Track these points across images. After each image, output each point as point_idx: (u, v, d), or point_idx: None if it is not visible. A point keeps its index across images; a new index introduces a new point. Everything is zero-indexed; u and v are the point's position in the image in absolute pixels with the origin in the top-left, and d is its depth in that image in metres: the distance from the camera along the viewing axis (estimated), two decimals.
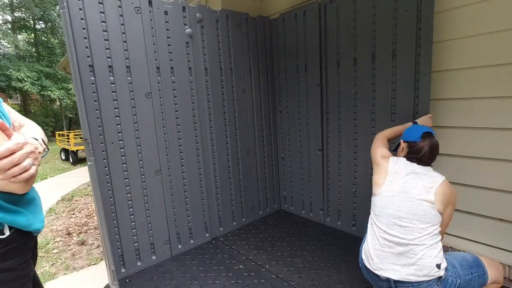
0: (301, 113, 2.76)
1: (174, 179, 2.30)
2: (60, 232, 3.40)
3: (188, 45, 2.28)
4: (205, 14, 2.36)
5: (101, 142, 1.93)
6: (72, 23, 1.74)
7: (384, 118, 2.16)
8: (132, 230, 2.13)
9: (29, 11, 14.72)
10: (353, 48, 2.27)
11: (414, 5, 1.90)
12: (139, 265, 2.18)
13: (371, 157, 1.67)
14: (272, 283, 1.93)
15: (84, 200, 4.63)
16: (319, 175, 2.69)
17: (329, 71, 2.46)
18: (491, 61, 1.74)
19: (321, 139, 2.61)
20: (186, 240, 2.43)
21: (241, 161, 2.75)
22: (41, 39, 16.36)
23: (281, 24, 2.76)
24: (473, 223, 1.93)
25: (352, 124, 2.37)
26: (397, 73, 2.05)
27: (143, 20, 2.03)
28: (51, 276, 2.48)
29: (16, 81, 12.82)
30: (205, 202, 2.51)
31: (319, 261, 2.14)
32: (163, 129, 2.20)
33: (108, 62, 1.92)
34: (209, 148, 2.50)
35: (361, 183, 2.38)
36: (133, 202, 2.11)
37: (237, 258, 2.27)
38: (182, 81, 2.28)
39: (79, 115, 1.81)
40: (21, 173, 0.77)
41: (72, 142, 7.74)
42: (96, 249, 2.93)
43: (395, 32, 2.02)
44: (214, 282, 1.97)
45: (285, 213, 3.08)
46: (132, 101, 2.04)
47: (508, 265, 1.76)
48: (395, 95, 2.08)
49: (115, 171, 2.01)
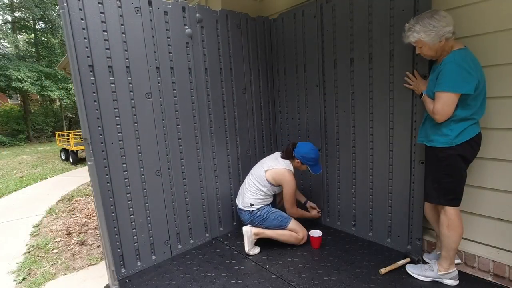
0: (301, 113, 2.76)
1: (174, 179, 2.30)
2: (60, 232, 3.40)
3: (188, 45, 2.28)
4: (205, 14, 2.36)
5: (101, 142, 1.93)
6: (72, 23, 1.74)
7: (382, 119, 2.16)
8: (132, 230, 2.13)
9: (29, 11, 14.70)
10: (350, 48, 2.27)
11: (410, 5, 1.89)
12: (139, 265, 2.18)
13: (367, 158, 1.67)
14: (272, 283, 1.93)
15: (84, 200, 4.63)
16: (318, 175, 2.68)
17: (327, 72, 2.47)
18: (491, 61, 1.74)
19: (320, 139, 2.61)
20: (186, 240, 2.43)
21: (241, 161, 2.75)
22: (41, 39, 16.34)
23: (280, 24, 2.76)
24: (473, 223, 1.94)
25: (350, 125, 2.37)
26: (395, 74, 2.04)
27: (143, 20, 2.03)
28: (51, 276, 2.48)
29: (16, 81, 12.80)
30: (205, 202, 2.51)
31: (319, 261, 2.14)
32: (163, 129, 2.20)
33: (108, 62, 1.92)
34: (209, 148, 2.50)
35: (360, 183, 2.38)
36: (133, 202, 2.11)
37: (237, 258, 2.27)
38: (182, 81, 2.28)
39: (79, 115, 1.81)
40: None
41: (72, 142, 7.73)
42: (96, 249, 2.93)
43: (392, 32, 2.02)
44: (214, 282, 1.97)
45: None
46: (132, 101, 2.04)
47: (508, 265, 1.76)
48: (393, 96, 2.08)
49: (115, 171, 2.01)
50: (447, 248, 1.73)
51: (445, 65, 1.56)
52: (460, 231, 1.70)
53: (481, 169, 1.85)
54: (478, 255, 1.87)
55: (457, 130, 1.60)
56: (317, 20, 2.45)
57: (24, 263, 2.71)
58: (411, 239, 2.13)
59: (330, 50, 2.41)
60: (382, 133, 2.18)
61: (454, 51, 1.58)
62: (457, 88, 1.53)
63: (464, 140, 1.61)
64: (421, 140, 1.82)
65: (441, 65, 1.60)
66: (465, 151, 1.63)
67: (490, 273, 1.83)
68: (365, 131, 2.28)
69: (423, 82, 1.84)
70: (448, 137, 1.62)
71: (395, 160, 2.13)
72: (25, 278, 2.48)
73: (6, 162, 8.89)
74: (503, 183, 1.79)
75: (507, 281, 1.77)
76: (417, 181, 2.03)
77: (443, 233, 1.72)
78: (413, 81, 1.90)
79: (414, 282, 1.84)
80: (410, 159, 2.05)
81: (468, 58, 1.55)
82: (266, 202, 2.38)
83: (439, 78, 1.59)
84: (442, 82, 1.56)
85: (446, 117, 1.59)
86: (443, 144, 1.65)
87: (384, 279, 1.89)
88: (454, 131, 1.61)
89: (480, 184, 1.87)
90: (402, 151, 2.08)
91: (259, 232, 2.32)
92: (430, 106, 1.66)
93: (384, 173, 2.21)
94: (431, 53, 1.65)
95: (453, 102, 1.55)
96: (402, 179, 2.11)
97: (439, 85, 1.58)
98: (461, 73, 1.52)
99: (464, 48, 1.59)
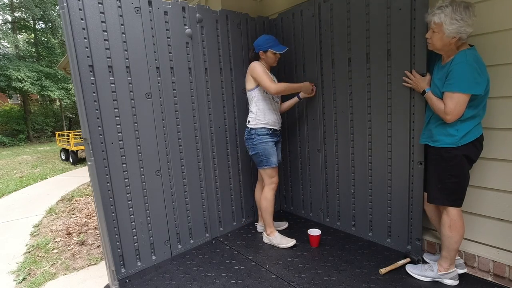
0: (300, 113, 2.76)
1: (174, 179, 2.30)
2: (60, 232, 3.40)
3: (188, 45, 2.29)
4: (205, 14, 2.36)
5: (101, 142, 1.93)
6: (72, 23, 1.74)
7: (380, 119, 2.16)
8: (132, 230, 2.13)
9: (29, 11, 14.70)
10: (347, 48, 2.27)
11: (407, 4, 1.89)
12: (139, 265, 2.18)
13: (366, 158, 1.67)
14: (272, 283, 1.93)
15: (84, 200, 4.63)
16: (318, 175, 2.69)
17: (325, 72, 2.47)
18: (496, 61, 1.74)
19: (319, 139, 2.61)
20: (186, 240, 2.43)
21: (241, 161, 2.75)
22: (41, 39, 16.34)
23: (279, 24, 2.76)
24: (473, 223, 1.94)
25: (349, 125, 2.37)
26: (392, 73, 2.04)
27: (143, 20, 2.03)
28: (51, 276, 2.48)
29: (16, 81, 12.81)
30: (205, 202, 2.51)
31: (319, 261, 2.14)
32: (163, 129, 2.21)
33: (108, 62, 1.92)
34: (209, 148, 2.50)
35: (359, 183, 2.38)
36: (133, 202, 2.11)
37: (237, 258, 2.27)
38: (182, 81, 2.28)
39: (79, 115, 1.81)
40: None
41: (72, 142, 7.73)
42: (96, 249, 2.93)
43: (389, 32, 2.02)
44: (214, 282, 1.97)
45: (285, 213, 3.08)
46: (132, 101, 2.04)
47: (508, 265, 1.76)
48: (391, 96, 2.08)
49: (115, 171, 2.01)
50: (448, 248, 1.73)
51: (457, 65, 1.54)
52: (462, 231, 1.70)
53: (481, 169, 1.85)
54: (478, 255, 1.87)
55: (464, 130, 1.60)
56: (315, 19, 2.45)
57: (24, 263, 2.71)
58: (411, 239, 2.13)
59: (328, 50, 2.41)
60: (380, 133, 2.18)
61: (465, 51, 1.56)
62: (470, 88, 1.51)
63: (469, 140, 1.60)
64: (424, 141, 1.81)
65: (451, 64, 1.57)
66: (470, 151, 1.62)
67: (490, 273, 1.83)
68: (364, 131, 2.28)
69: (422, 80, 1.82)
70: (454, 137, 1.61)
71: (394, 160, 2.13)
72: (25, 278, 2.48)
73: (6, 162, 8.89)
74: (503, 183, 1.79)
75: (507, 281, 1.77)
76: (416, 181, 2.02)
77: (445, 234, 1.72)
78: (412, 79, 1.89)
79: (414, 282, 1.84)
80: (409, 159, 2.05)
81: (478, 58, 1.55)
82: (260, 121, 2.30)
83: (449, 78, 1.57)
84: (454, 82, 1.54)
85: (458, 117, 1.58)
86: (449, 145, 1.63)
87: (384, 279, 1.89)
88: (460, 131, 1.60)
89: (480, 184, 1.88)
90: (401, 151, 2.08)
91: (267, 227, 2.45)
92: (440, 105, 1.62)
93: (383, 173, 2.21)
94: (437, 44, 1.62)
95: (465, 103, 1.54)
96: (401, 179, 2.11)
97: (450, 85, 1.56)
98: (473, 74, 1.51)
99: (473, 48, 1.59)
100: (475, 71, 1.51)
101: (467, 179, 1.69)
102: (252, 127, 2.32)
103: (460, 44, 1.59)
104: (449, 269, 1.77)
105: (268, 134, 2.32)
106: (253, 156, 2.36)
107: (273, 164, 2.33)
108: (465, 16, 1.50)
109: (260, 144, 2.30)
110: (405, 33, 1.92)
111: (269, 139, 2.32)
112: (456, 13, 1.50)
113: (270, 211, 2.38)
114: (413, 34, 1.89)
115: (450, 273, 1.77)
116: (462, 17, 1.50)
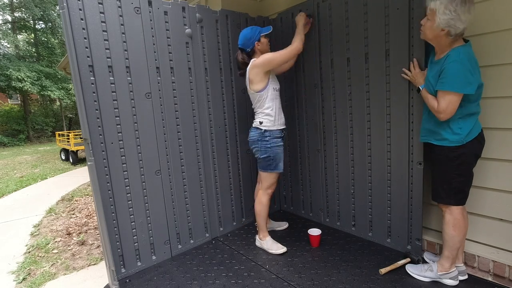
0: (300, 113, 2.76)
1: (174, 179, 2.30)
2: (60, 232, 3.41)
3: (188, 45, 2.29)
4: (205, 14, 2.36)
5: (101, 142, 1.93)
6: (72, 23, 1.74)
7: (379, 118, 2.15)
8: (132, 230, 2.13)
9: (29, 11, 14.70)
10: (346, 48, 2.27)
11: (405, 3, 1.89)
12: (139, 265, 2.18)
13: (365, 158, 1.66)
14: (272, 283, 1.93)
15: (84, 200, 4.63)
16: (318, 175, 2.69)
17: (324, 72, 2.47)
18: (493, 61, 1.74)
19: (319, 139, 2.61)
20: (186, 240, 2.43)
21: (241, 161, 2.75)
22: (41, 39, 16.35)
23: (279, 24, 2.76)
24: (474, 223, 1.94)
25: (348, 125, 2.37)
26: (391, 73, 2.04)
27: (142, 20, 2.03)
28: (51, 276, 2.48)
29: (16, 81, 12.81)
30: (205, 202, 2.51)
31: (319, 261, 2.14)
32: (163, 129, 2.21)
33: (108, 62, 1.92)
34: (209, 148, 2.50)
35: (359, 183, 2.38)
36: (133, 202, 2.11)
37: (237, 258, 2.27)
38: (182, 81, 2.28)
39: (79, 115, 1.81)
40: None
41: (72, 142, 7.73)
42: (96, 249, 2.93)
43: (387, 31, 2.01)
44: (214, 282, 1.97)
45: (285, 213, 3.08)
46: (132, 101, 2.04)
47: (508, 265, 1.76)
48: (389, 96, 2.08)
49: (115, 171, 2.01)
50: (451, 247, 1.72)
51: (450, 64, 1.53)
52: (465, 230, 1.69)
53: (481, 169, 1.85)
54: (478, 255, 1.87)
55: (467, 127, 1.59)
56: (314, 19, 2.45)
57: (24, 263, 2.71)
58: (411, 239, 2.13)
59: (327, 49, 2.41)
60: (379, 133, 2.18)
61: (458, 48, 1.54)
62: (462, 88, 1.51)
63: (474, 136, 1.60)
64: (425, 139, 1.78)
65: (444, 62, 1.56)
66: (476, 147, 1.63)
67: (490, 273, 1.83)
68: (363, 131, 2.28)
69: (421, 74, 1.80)
70: (459, 136, 1.60)
71: (393, 160, 2.13)
72: (25, 278, 2.48)
73: (6, 162, 8.89)
74: (503, 183, 1.79)
75: (507, 281, 1.77)
76: (415, 181, 2.02)
77: (448, 233, 1.71)
78: (412, 72, 1.86)
79: (414, 282, 1.84)
80: (408, 159, 2.04)
81: (471, 56, 1.54)
82: (276, 122, 2.21)
83: (442, 77, 1.56)
84: (447, 81, 1.54)
85: (450, 116, 1.58)
86: (454, 143, 1.62)
87: (384, 279, 1.89)
88: (464, 129, 1.59)
89: (481, 184, 1.87)
90: (400, 151, 2.08)
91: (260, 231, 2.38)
92: (433, 103, 1.62)
93: (383, 173, 2.21)
94: (428, 33, 1.61)
95: (457, 102, 1.54)
96: (401, 179, 2.11)
97: (443, 84, 1.55)
98: (465, 74, 1.50)
99: (466, 45, 1.57)
100: (468, 71, 1.50)
101: (472, 176, 1.68)
102: (267, 129, 2.19)
103: (453, 40, 1.56)
104: (450, 269, 1.76)
105: (281, 137, 2.26)
106: (262, 159, 2.23)
107: (280, 169, 2.26)
108: (459, 9, 1.46)
109: (274, 148, 2.20)
110: (403, 33, 1.92)
111: (282, 143, 2.26)
112: (452, 3, 1.47)
113: (264, 216, 2.36)
114: (411, 34, 1.89)
115: (450, 273, 1.77)
116: (456, 10, 1.46)
